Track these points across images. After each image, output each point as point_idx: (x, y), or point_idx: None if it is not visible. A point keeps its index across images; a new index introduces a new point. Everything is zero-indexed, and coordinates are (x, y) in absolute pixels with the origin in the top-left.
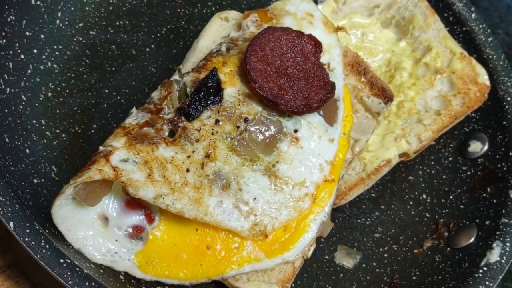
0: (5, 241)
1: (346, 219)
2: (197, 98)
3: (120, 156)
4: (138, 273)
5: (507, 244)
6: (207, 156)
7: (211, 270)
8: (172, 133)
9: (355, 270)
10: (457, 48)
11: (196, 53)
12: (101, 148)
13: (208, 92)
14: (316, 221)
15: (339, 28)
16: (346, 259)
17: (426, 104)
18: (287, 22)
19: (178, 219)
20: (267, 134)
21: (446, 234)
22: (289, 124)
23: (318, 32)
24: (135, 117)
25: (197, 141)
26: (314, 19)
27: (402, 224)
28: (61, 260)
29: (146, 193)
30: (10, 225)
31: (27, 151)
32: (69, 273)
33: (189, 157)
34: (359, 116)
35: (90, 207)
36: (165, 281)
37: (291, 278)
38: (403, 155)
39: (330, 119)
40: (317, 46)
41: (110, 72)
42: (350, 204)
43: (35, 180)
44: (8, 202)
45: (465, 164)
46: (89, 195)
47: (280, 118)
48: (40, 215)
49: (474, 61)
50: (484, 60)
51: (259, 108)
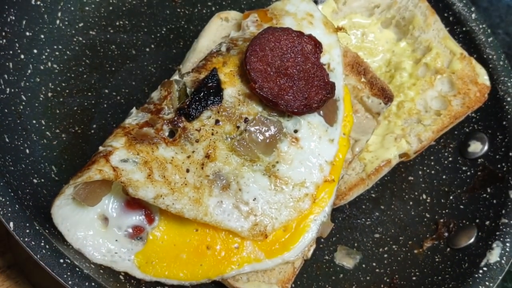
0: (5, 241)
1: (346, 219)
2: (197, 98)
3: (120, 156)
4: (138, 273)
5: (507, 244)
6: (207, 156)
7: (211, 270)
8: (172, 133)
9: (355, 270)
10: (457, 48)
11: (196, 53)
12: (101, 148)
13: (208, 92)
14: (316, 221)
15: (339, 28)
16: (346, 260)
17: (426, 104)
18: (287, 22)
19: (178, 219)
20: (267, 134)
21: (446, 234)
22: (289, 124)
23: (318, 32)
24: (135, 117)
25: (197, 141)
26: (314, 19)
27: (402, 224)
28: (61, 260)
29: (146, 193)
30: (10, 225)
31: (27, 151)
32: (69, 273)
33: (189, 157)
34: (359, 116)
35: (90, 207)
36: (165, 281)
37: (291, 278)
38: (403, 155)
39: (330, 119)
40: (317, 46)
41: (110, 72)
42: (350, 205)
43: (35, 180)
44: (8, 202)
45: (465, 164)
46: (89, 195)
47: (280, 118)
48: (40, 215)
49: (474, 61)
50: (484, 60)
51: (259, 108)
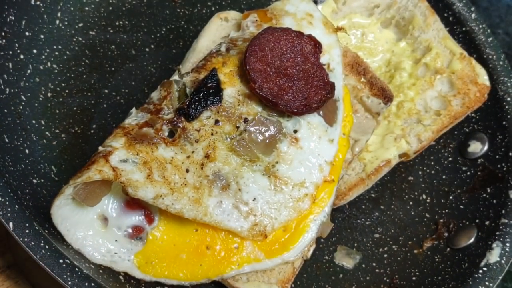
0: (5, 241)
1: (346, 220)
2: (197, 99)
3: (119, 157)
4: (137, 274)
5: (507, 244)
6: (207, 156)
7: (211, 271)
8: (171, 134)
9: (354, 270)
10: (457, 48)
11: (195, 53)
12: (100, 148)
13: (207, 93)
14: (316, 221)
15: (338, 28)
16: (346, 260)
17: (426, 104)
18: (287, 22)
19: (177, 219)
20: (267, 134)
21: (446, 234)
22: (288, 124)
23: (318, 32)
24: (134, 117)
25: (197, 141)
26: (314, 19)
27: (402, 225)
28: (61, 261)
29: (146, 193)
30: (10, 226)
31: (27, 151)
32: (68, 273)
33: (188, 157)
34: (359, 116)
35: (90, 207)
36: (164, 282)
37: (291, 278)
38: (403, 155)
39: (330, 119)
40: (316, 46)
41: (109, 72)
42: (350, 205)
43: (34, 180)
44: (7, 203)
45: (465, 164)
46: (89, 196)
47: (280, 119)
48: (39, 215)
49: (474, 62)
50: (484, 60)
51: (259, 109)
